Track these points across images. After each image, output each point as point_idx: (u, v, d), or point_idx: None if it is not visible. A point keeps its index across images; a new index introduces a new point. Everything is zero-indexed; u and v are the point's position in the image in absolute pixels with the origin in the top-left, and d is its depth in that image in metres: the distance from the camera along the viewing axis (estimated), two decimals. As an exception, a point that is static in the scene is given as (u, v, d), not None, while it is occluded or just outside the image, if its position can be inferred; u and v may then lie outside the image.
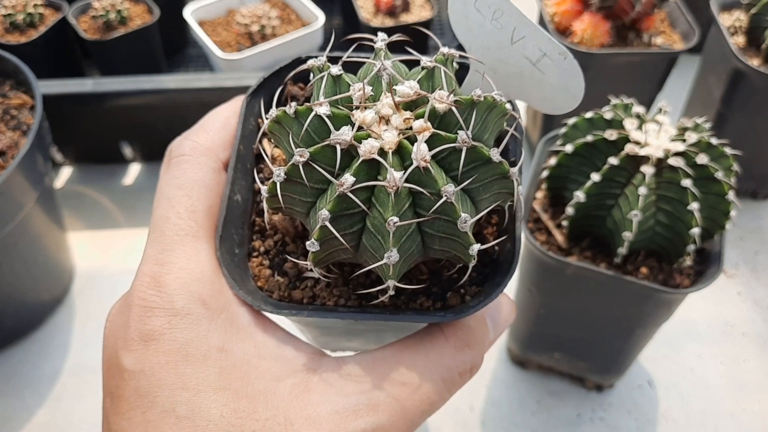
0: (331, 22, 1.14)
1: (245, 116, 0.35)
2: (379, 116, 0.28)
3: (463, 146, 0.27)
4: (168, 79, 0.77)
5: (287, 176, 0.28)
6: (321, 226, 0.27)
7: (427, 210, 0.27)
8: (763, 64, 0.72)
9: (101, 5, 0.91)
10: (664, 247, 0.48)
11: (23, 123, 0.65)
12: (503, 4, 0.33)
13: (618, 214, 0.47)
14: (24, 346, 0.69)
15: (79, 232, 0.81)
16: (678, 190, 0.45)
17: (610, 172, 0.46)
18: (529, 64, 0.34)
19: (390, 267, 0.28)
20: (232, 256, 0.32)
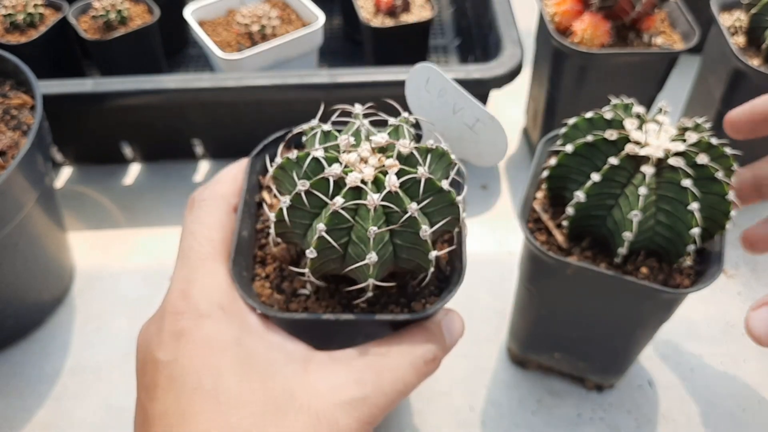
0: (332, 22, 1.14)
1: (249, 172, 0.47)
2: (360, 158, 0.40)
3: (422, 177, 0.38)
4: (168, 79, 0.77)
5: (291, 203, 0.39)
6: (319, 237, 0.38)
7: (397, 223, 0.38)
8: (764, 64, 0.72)
9: (101, 5, 0.91)
10: (664, 247, 0.47)
11: (23, 123, 0.65)
12: (446, 84, 0.44)
13: (618, 214, 0.47)
14: (24, 346, 0.69)
15: (79, 232, 0.81)
16: (678, 190, 0.45)
17: (610, 172, 0.46)
18: (467, 128, 0.45)
19: (370, 267, 0.38)
20: (241, 277, 0.42)
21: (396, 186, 0.37)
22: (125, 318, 0.72)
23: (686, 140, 0.47)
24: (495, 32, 0.86)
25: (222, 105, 0.81)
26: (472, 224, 0.82)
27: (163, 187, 0.87)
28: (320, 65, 1.05)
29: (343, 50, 1.11)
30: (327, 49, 1.07)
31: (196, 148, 0.89)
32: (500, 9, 0.88)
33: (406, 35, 0.97)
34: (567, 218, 0.50)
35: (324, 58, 1.07)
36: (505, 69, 0.78)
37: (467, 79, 0.77)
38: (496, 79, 0.78)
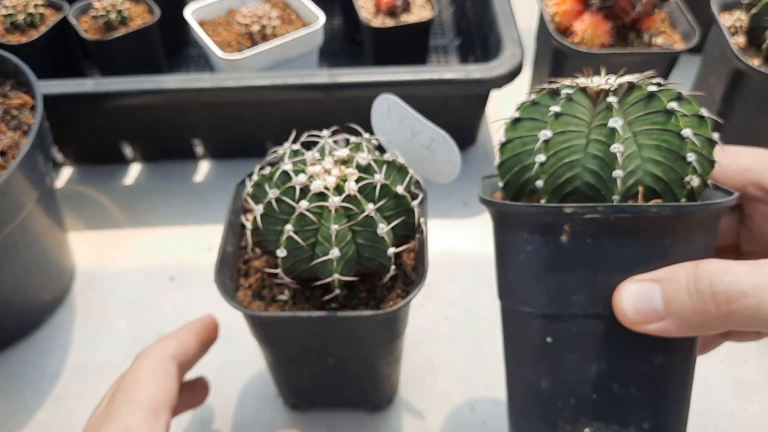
0: (332, 22, 1.14)
1: (235, 198, 0.53)
2: (324, 169, 0.45)
3: (378, 183, 0.43)
4: (169, 79, 0.77)
5: (264, 210, 0.44)
6: (287, 237, 0.43)
7: (359, 225, 0.43)
8: (764, 64, 0.72)
9: (102, 5, 0.91)
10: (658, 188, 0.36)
11: (24, 123, 0.65)
12: (404, 112, 0.50)
13: (594, 162, 0.36)
14: (25, 346, 0.69)
15: (79, 232, 0.81)
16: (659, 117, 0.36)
17: (564, 121, 0.37)
18: (425, 149, 0.50)
19: (334, 261, 0.43)
20: (225, 285, 0.47)
21: (354, 190, 0.43)
22: (125, 318, 0.72)
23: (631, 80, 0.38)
24: (495, 32, 0.86)
25: (222, 105, 0.81)
26: (472, 224, 0.82)
27: (163, 187, 0.87)
28: (320, 65, 1.05)
29: (343, 50, 1.11)
30: (327, 49, 1.07)
31: (196, 148, 0.89)
32: (500, 9, 0.88)
33: (406, 35, 0.97)
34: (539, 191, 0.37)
35: (324, 58, 1.07)
36: (505, 69, 0.78)
37: (467, 79, 0.77)
38: (496, 79, 0.78)
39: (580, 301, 0.35)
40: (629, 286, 0.34)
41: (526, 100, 0.39)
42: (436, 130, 0.48)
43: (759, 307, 0.30)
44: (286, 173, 0.44)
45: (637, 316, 0.33)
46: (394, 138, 0.51)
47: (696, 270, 0.32)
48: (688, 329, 0.33)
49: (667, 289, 0.33)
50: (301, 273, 0.46)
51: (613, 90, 0.37)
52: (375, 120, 0.52)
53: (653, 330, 0.33)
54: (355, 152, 0.46)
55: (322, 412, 0.63)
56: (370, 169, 0.45)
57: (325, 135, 0.48)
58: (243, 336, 0.68)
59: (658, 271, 0.34)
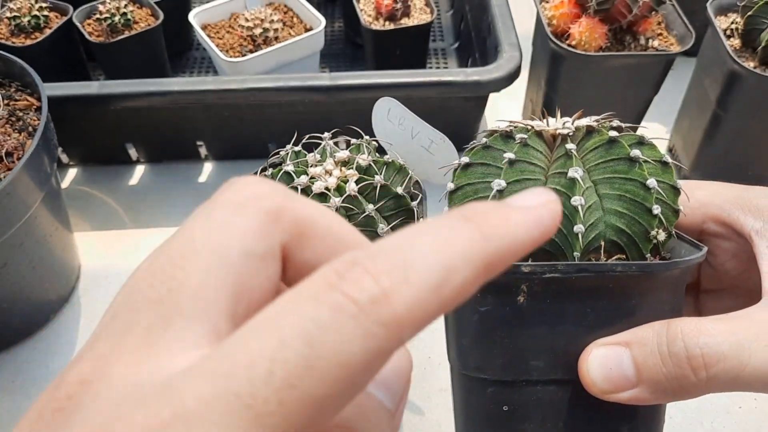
0: (333, 26, 1.15)
1: None
2: (325, 170, 0.45)
3: (378, 184, 0.44)
4: (172, 82, 0.79)
5: None
6: None
7: (359, 225, 0.42)
8: (759, 66, 0.73)
9: (106, 8, 0.93)
10: (622, 242, 0.34)
11: (29, 124, 0.66)
12: (404, 113, 0.50)
13: None
14: (30, 345, 0.70)
15: (84, 232, 0.82)
16: (622, 166, 0.33)
17: (519, 168, 0.34)
18: (424, 150, 0.51)
19: None
20: None
21: (355, 191, 0.43)
22: (129, 317, 0.73)
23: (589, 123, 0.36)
24: (494, 35, 0.87)
25: (225, 107, 0.82)
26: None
27: (167, 188, 0.88)
28: (322, 68, 1.06)
29: (344, 53, 1.12)
30: (328, 52, 1.08)
31: (200, 150, 0.90)
32: (499, 12, 0.89)
33: (406, 38, 0.98)
34: None
35: (325, 61, 1.08)
36: (503, 72, 0.79)
37: (466, 82, 0.78)
38: (494, 82, 0.79)
39: (539, 367, 0.33)
40: (595, 352, 0.31)
41: (477, 144, 0.36)
42: (434, 132, 0.49)
43: (739, 370, 0.27)
44: (288, 174, 0.45)
45: (607, 384, 0.30)
46: (394, 139, 0.53)
47: (668, 331, 0.29)
48: (663, 396, 0.30)
49: (638, 354, 0.30)
50: None
51: (570, 134, 0.34)
52: (375, 122, 0.54)
53: (625, 399, 0.30)
54: (356, 153, 0.48)
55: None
56: (371, 170, 0.46)
57: (326, 137, 0.49)
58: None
59: (625, 333, 0.31)
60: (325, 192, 0.44)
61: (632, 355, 0.30)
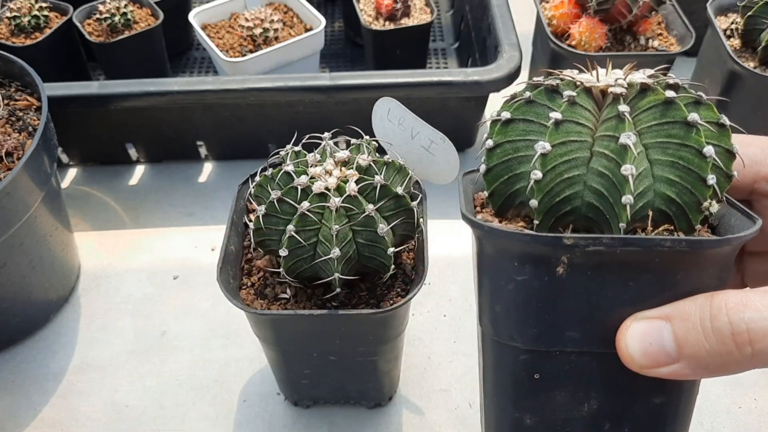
0: (333, 26, 1.15)
1: (237, 198, 0.53)
2: (325, 170, 0.46)
3: (378, 184, 0.44)
4: (172, 82, 0.79)
5: (266, 210, 0.45)
6: (289, 236, 0.44)
7: (359, 225, 0.45)
8: (759, 66, 0.73)
9: (106, 8, 0.93)
10: (671, 211, 0.32)
11: (29, 124, 0.66)
12: (404, 114, 0.51)
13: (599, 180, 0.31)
14: (30, 345, 0.70)
15: (84, 232, 0.82)
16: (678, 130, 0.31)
17: (565, 129, 0.31)
18: (424, 150, 0.51)
19: (335, 261, 0.44)
20: (228, 284, 0.48)
21: (355, 191, 0.44)
22: (130, 316, 0.73)
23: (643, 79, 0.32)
24: (493, 36, 0.87)
25: (225, 107, 0.82)
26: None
27: (167, 188, 0.88)
28: (322, 68, 1.06)
29: (344, 53, 1.12)
30: (328, 52, 1.08)
31: (200, 150, 0.90)
32: (499, 13, 0.89)
33: (406, 38, 0.98)
34: (534, 212, 0.32)
35: (325, 61, 1.08)
36: (503, 72, 0.79)
37: (466, 82, 0.78)
38: (494, 82, 0.79)
39: (574, 338, 0.31)
40: (635, 326, 0.30)
41: (519, 97, 0.33)
42: (434, 132, 0.50)
43: None
44: (288, 174, 0.45)
45: (646, 359, 0.29)
46: (394, 140, 0.53)
47: (711, 305, 0.28)
48: (705, 372, 0.28)
49: (679, 329, 0.28)
50: (303, 272, 0.47)
51: (622, 94, 0.31)
52: (375, 122, 0.54)
53: (664, 374, 0.29)
54: (356, 153, 0.48)
55: (323, 409, 0.64)
56: (371, 170, 0.45)
57: (326, 137, 0.49)
58: (245, 334, 0.69)
59: (666, 306, 0.29)
60: (326, 192, 0.44)
61: (673, 330, 0.29)
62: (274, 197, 0.44)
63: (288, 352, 0.54)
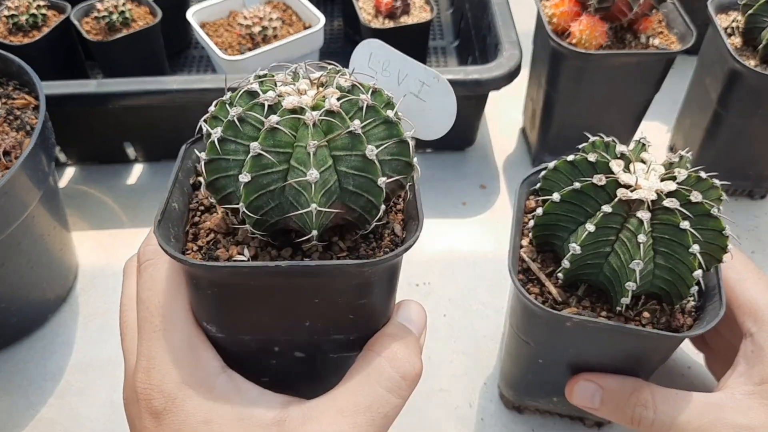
0: (332, 24, 1.15)
1: (184, 157, 0.44)
2: (297, 90, 0.36)
3: (364, 103, 0.35)
4: (171, 80, 0.78)
5: (223, 135, 0.35)
6: (253, 156, 0.33)
7: (341, 149, 0.34)
8: (760, 64, 0.73)
9: (104, 7, 0.92)
10: (665, 290, 0.46)
11: (27, 123, 0.66)
12: (389, 55, 0.42)
13: (616, 262, 0.45)
14: (28, 344, 0.70)
15: (82, 232, 0.81)
16: (676, 232, 0.43)
17: (604, 219, 0.44)
18: (414, 97, 0.42)
19: (311, 187, 0.33)
20: (168, 240, 0.37)
21: (337, 106, 0.34)
22: (128, 316, 0.73)
23: (676, 177, 0.45)
24: (493, 34, 0.87)
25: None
26: (471, 224, 0.83)
27: (165, 187, 0.87)
28: (321, 66, 1.06)
29: (343, 52, 1.12)
30: (327, 51, 1.08)
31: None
32: (499, 11, 0.89)
33: (405, 37, 0.98)
34: (563, 270, 0.47)
35: (324, 60, 1.08)
36: (503, 70, 0.79)
37: (466, 80, 0.78)
38: (494, 80, 0.78)
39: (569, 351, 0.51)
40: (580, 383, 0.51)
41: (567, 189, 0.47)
42: (426, 70, 0.42)
43: None
44: (251, 94, 0.36)
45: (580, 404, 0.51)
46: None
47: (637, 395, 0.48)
48: None
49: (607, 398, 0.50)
50: (267, 214, 0.35)
51: (649, 219, 0.44)
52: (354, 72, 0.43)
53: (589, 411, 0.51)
54: (335, 75, 0.38)
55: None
56: (355, 90, 0.36)
57: (299, 64, 0.39)
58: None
59: (605, 376, 0.50)
60: (299, 108, 0.34)
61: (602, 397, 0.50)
62: (233, 115, 0.34)
63: (238, 345, 0.40)
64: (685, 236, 0.43)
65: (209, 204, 0.42)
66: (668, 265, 0.45)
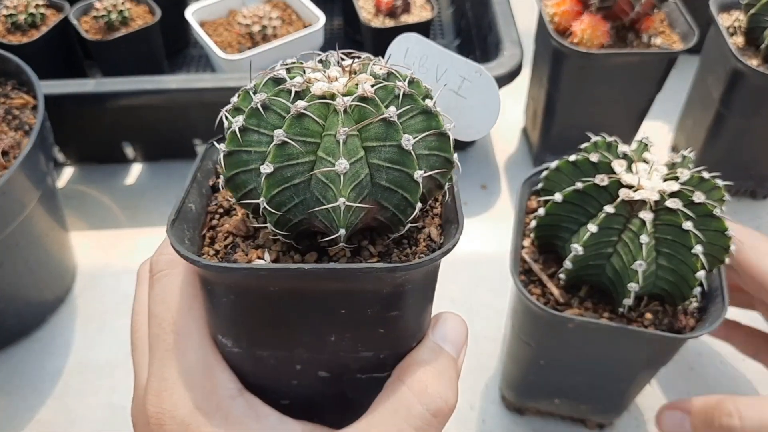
0: (332, 23, 1.14)
1: (203, 158, 0.40)
2: (328, 77, 0.32)
3: (401, 90, 0.31)
4: (170, 80, 0.78)
5: (245, 124, 0.31)
6: (276, 144, 0.29)
7: (374, 138, 0.30)
8: (762, 64, 0.72)
9: (103, 6, 0.92)
10: (667, 291, 0.46)
11: (25, 123, 0.66)
12: (427, 49, 0.39)
13: (618, 262, 0.45)
14: (26, 345, 0.69)
15: (81, 232, 0.81)
16: (679, 233, 0.43)
17: (607, 220, 0.44)
18: (454, 94, 0.38)
19: (340, 179, 0.29)
20: (179, 238, 0.33)
21: (371, 92, 0.31)
22: (127, 317, 0.72)
23: (678, 177, 0.45)
24: (495, 33, 0.86)
25: (223, 105, 0.81)
26: (472, 223, 0.82)
27: (164, 187, 0.87)
28: (321, 66, 1.06)
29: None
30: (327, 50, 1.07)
31: (197, 148, 0.89)
32: (500, 10, 0.89)
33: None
34: (564, 271, 0.47)
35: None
36: (504, 69, 0.79)
37: (467, 80, 0.77)
38: (495, 80, 0.78)
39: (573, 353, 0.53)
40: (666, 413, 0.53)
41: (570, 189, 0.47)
42: (467, 64, 0.37)
43: None
44: (277, 80, 0.32)
45: None
46: None
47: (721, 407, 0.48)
48: None
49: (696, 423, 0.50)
50: (291, 211, 0.31)
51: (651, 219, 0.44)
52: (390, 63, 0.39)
53: None
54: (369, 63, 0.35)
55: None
56: (391, 77, 0.33)
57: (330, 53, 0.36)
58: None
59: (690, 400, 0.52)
60: (329, 95, 0.31)
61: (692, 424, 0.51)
62: (257, 101, 0.31)
63: (259, 361, 0.36)
64: (688, 237, 0.43)
65: (228, 206, 0.38)
66: (671, 266, 0.44)
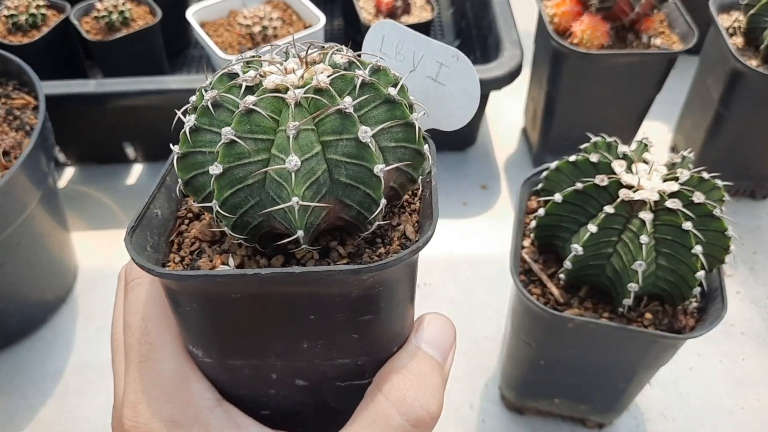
0: (332, 23, 1.14)
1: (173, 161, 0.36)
2: (285, 69, 0.30)
3: (359, 79, 0.28)
4: (170, 80, 0.78)
5: (196, 123, 0.29)
6: (224, 144, 0.28)
7: (330, 132, 0.28)
8: (762, 64, 0.72)
9: (104, 6, 0.92)
10: (667, 291, 0.46)
11: (26, 123, 0.66)
12: (403, 35, 0.36)
13: (618, 262, 0.45)
14: (27, 345, 0.69)
15: (82, 232, 0.81)
16: (679, 233, 0.43)
17: (606, 220, 0.44)
18: (432, 81, 0.36)
19: (291, 177, 0.27)
20: (142, 250, 0.32)
21: (325, 83, 0.28)
22: (127, 317, 0.72)
23: (678, 178, 0.45)
24: (494, 33, 0.86)
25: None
26: (472, 223, 0.82)
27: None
28: (321, 66, 1.06)
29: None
30: (328, 50, 1.07)
31: (197, 149, 0.90)
32: (500, 10, 0.89)
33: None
34: (564, 271, 0.48)
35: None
36: (504, 70, 0.79)
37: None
38: (495, 80, 0.78)
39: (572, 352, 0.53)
40: None
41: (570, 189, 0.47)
42: (443, 49, 0.36)
43: None
44: (231, 76, 0.30)
45: None
46: None
47: None
48: None
49: None
50: (246, 214, 0.29)
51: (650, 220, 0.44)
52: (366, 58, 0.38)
53: None
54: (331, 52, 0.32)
55: None
56: (352, 66, 0.30)
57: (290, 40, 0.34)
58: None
59: None
60: (282, 88, 0.29)
61: None
62: (207, 99, 0.29)
63: (233, 371, 0.33)
64: (688, 237, 0.43)
65: (198, 211, 0.36)
66: (671, 266, 0.45)
